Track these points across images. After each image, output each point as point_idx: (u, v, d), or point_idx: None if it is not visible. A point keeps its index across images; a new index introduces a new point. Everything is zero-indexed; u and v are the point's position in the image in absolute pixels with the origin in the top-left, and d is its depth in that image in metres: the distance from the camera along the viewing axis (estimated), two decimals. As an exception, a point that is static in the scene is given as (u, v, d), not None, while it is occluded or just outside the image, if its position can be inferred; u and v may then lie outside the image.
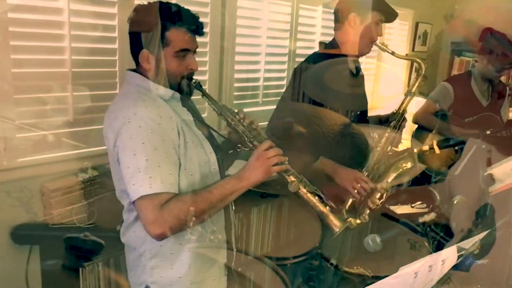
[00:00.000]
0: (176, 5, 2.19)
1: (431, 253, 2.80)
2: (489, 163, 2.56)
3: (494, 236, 2.22)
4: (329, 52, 3.14)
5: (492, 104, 4.40)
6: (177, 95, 2.25)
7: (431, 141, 4.50)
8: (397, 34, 6.27)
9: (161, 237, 2.05)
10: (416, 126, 4.58)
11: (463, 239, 2.32)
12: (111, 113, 2.13)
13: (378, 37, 3.16)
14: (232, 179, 2.15)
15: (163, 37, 2.14)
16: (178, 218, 2.02)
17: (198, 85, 2.28)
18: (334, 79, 2.69)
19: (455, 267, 2.26)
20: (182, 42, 2.18)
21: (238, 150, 2.34)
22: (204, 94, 2.30)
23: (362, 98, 3.02)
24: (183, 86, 2.25)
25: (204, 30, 2.17)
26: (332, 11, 3.30)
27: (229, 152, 2.44)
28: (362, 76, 3.18)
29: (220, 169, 2.32)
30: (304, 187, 2.19)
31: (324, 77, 2.73)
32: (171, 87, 2.23)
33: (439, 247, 2.91)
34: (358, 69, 3.34)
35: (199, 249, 2.23)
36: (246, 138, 2.24)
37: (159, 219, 2.00)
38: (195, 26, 2.21)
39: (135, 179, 2.00)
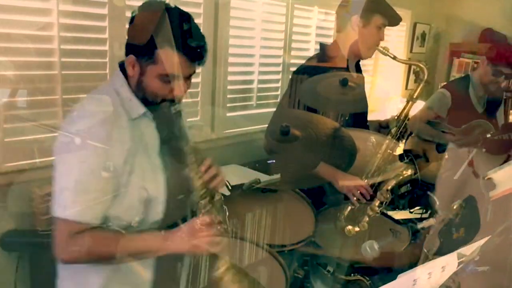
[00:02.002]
0: (182, 19, 1.95)
1: (411, 240, 2.92)
2: (471, 164, 2.62)
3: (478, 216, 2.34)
4: (326, 62, 3.16)
5: (487, 110, 4.39)
6: (149, 114, 2.08)
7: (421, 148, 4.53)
8: (394, 36, 6.28)
9: (65, 263, 2.02)
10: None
11: (444, 226, 2.40)
12: (73, 111, 2.03)
13: (380, 41, 3.17)
14: (158, 237, 2.02)
15: (152, 53, 1.95)
16: (87, 252, 1.93)
17: (178, 114, 2.10)
18: (330, 89, 2.71)
19: (436, 253, 2.35)
20: (171, 67, 1.97)
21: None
22: (179, 127, 2.13)
23: (360, 103, 3.02)
24: (161, 109, 2.08)
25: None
26: (332, 12, 3.31)
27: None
28: (362, 79, 3.16)
29: (170, 207, 2.14)
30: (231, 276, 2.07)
31: (320, 87, 2.74)
32: (148, 105, 2.07)
33: (417, 235, 3.01)
34: (359, 72, 3.36)
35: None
36: (198, 193, 2.07)
37: (68, 246, 1.92)
38: (195, 54, 1.99)
39: (60, 196, 1.91)
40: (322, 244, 2.76)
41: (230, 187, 2.52)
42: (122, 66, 2.08)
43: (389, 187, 2.85)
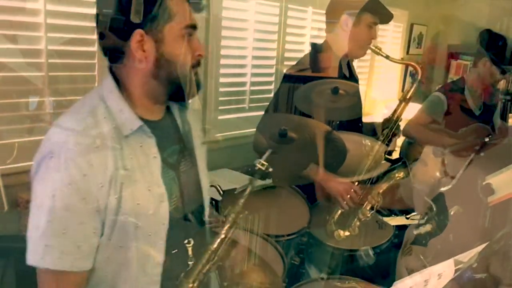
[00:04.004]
0: None
1: (395, 231, 3.07)
2: (443, 164, 2.69)
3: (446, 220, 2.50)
4: (317, 63, 3.17)
5: (484, 113, 4.38)
6: (146, 129, 1.72)
7: (419, 152, 4.53)
8: (390, 37, 6.29)
9: None
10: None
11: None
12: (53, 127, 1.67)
13: (373, 40, 3.17)
14: None
15: (164, 7, 1.62)
16: None
17: (185, 115, 1.96)
18: (323, 97, 2.75)
19: (414, 242, 2.61)
20: (187, 14, 1.69)
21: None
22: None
23: (351, 109, 3.03)
24: (190, 82, 1.76)
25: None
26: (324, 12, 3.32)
27: None
28: (356, 87, 3.17)
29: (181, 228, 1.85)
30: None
31: (314, 95, 2.78)
32: (172, 88, 1.74)
33: (400, 226, 3.16)
34: (351, 73, 3.37)
35: None
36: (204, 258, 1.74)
37: None
38: None
39: (31, 238, 1.61)
40: (316, 234, 2.95)
41: (221, 192, 2.54)
42: (112, 71, 1.75)
43: (380, 191, 2.88)
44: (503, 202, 2.12)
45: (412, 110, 4.14)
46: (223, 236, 1.77)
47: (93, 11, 1.76)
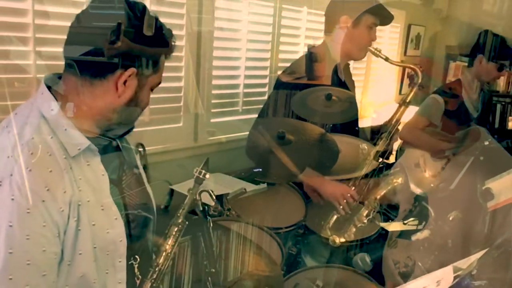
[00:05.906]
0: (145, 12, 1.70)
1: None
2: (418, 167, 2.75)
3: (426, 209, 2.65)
4: (313, 65, 3.19)
5: (482, 115, 4.38)
6: (94, 147, 1.74)
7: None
8: (387, 38, 6.28)
9: None
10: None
11: (405, 217, 2.69)
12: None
13: (372, 42, 3.18)
14: None
15: (158, 61, 1.79)
16: None
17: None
18: (317, 102, 2.80)
19: (399, 236, 2.71)
20: (162, 74, 1.87)
21: None
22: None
23: (345, 114, 3.05)
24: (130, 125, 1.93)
25: (180, 33, 1.81)
26: (322, 13, 3.33)
27: None
28: (351, 95, 3.19)
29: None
30: None
31: (309, 100, 2.83)
32: (118, 126, 1.85)
33: (387, 220, 3.25)
34: (348, 76, 3.38)
35: None
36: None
37: None
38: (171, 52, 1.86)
39: None
40: (311, 227, 3.10)
41: (214, 197, 2.55)
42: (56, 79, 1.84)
43: (378, 196, 2.90)
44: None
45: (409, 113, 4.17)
46: (168, 250, 1.88)
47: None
